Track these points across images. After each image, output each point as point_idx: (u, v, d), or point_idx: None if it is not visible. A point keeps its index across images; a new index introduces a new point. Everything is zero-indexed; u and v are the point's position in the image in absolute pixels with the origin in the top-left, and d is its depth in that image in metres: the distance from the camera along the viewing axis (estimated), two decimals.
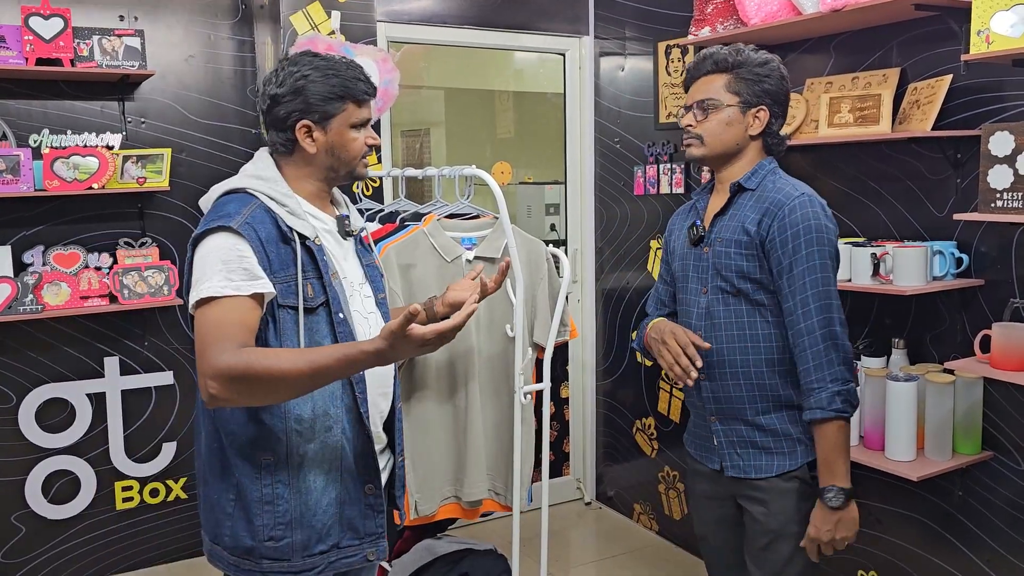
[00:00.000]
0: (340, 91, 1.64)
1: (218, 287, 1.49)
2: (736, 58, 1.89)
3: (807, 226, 1.81)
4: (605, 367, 4.00)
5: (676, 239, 2.07)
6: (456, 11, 3.61)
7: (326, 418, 1.64)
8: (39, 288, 2.93)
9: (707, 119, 1.90)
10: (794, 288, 1.81)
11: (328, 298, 1.63)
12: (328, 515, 1.65)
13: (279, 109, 1.65)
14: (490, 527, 3.71)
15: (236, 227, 1.54)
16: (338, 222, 1.75)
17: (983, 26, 2.13)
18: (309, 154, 1.67)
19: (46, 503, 3.17)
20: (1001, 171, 2.16)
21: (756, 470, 1.93)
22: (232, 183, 1.66)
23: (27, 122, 3.05)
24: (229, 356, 1.45)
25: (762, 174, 1.91)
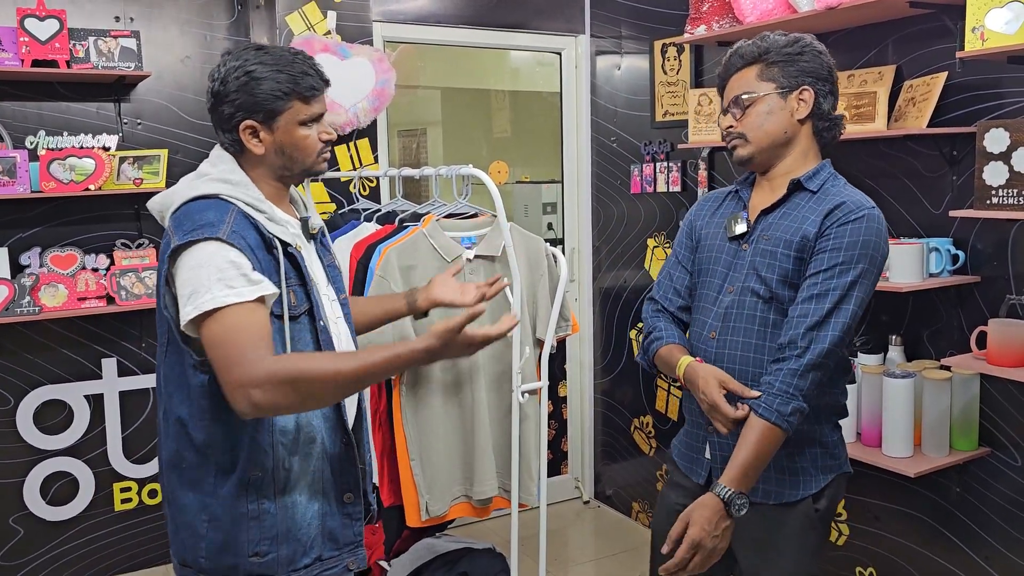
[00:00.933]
0: (286, 87, 1.55)
1: (221, 297, 1.42)
2: (761, 45, 1.76)
3: (873, 242, 1.67)
4: (603, 365, 4.01)
5: (706, 226, 1.91)
6: (452, 10, 3.61)
7: (310, 428, 1.59)
8: (36, 290, 2.93)
9: (746, 115, 1.76)
10: (826, 291, 1.65)
11: (311, 305, 1.58)
12: (313, 528, 1.61)
13: (223, 108, 1.56)
14: (489, 526, 3.72)
15: (225, 237, 1.46)
16: (302, 224, 1.68)
17: (978, 23, 2.13)
18: (257, 155, 1.58)
19: (45, 505, 3.16)
20: (996, 168, 2.16)
21: (751, 492, 1.72)
22: (199, 188, 1.55)
23: (23, 124, 3.04)
24: (272, 362, 1.40)
25: (824, 175, 1.77)
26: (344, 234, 2.69)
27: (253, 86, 1.54)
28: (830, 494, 1.79)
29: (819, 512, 1.77)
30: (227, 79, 1.55)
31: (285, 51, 1.59)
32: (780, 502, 1.76)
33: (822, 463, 1.78)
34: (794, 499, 1.76)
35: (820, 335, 1.64)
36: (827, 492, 1.78)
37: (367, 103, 3.18)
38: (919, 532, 2.63)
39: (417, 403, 2.39)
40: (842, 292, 1.65)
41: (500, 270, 2.46)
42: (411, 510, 2.41)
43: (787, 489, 1.76)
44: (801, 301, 1.68)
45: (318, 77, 1.60)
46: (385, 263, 2.33)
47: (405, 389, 2.38)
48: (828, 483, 1.78)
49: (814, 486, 1.76)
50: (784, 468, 1.76)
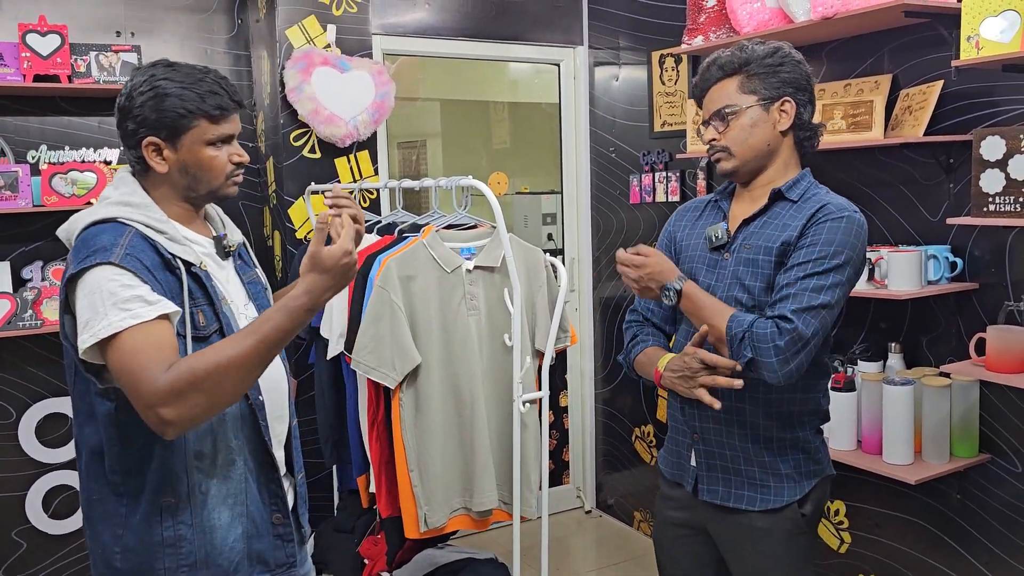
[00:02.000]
0: (191, 105, 1.50)
1: (117, 322, 1.37)
2: (741, 56, 1.76)
3: (852, 242, 1.67)
4: (603, 375, 4.01)
5: (686, 237, 1.92)
6: (451, 23, 3.64)
7: (228, 451, 1.55)
8: (38, 303, 2.94)
9: (729, 128, 1.76)
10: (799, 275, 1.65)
11: (221, 325, 1.54)
12: (235, 551, 1.57)
13: (127, 123, 1.53)
14: (491, 536, 3.71)
15: (118, 261, 1.41)
16: (215, 243, 1.64)
17: (972, 32, 2.15)
18: (160, 173, 1.54)
19: (47, 518, 3.16)
20: (993, 175, 2.18)
21: (736, 499, 1.79)
22: (97, 213, 1.50)
23: (25, 138, 3.06)
24: (167, 375, 1.35)
25: (804, 185, 1.78)
26: None
27: (157, 102, 1.50)
28: (815, 498, 1.81)
29: (806, 517, 1.79)
30: (132, 94, 1.52)
31: (196, 68, 1.56)
32: (765, 508, 1.78)
33: (805, 468, 1.80)
34: (779, 505, 1.77)
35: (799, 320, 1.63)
36: (812, 496, 1.80)
37: (367, 115, 3.20)
38: (920, 539, 2.63)
39: (416, 413, 2.39)
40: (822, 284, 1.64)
41: (500, 281, 2.47)
42: (409, 521, 2.41)
43: (772, 496, 1.78)
44: (779, 291, 1.68)
45: (228, 96, 1.56)
46: (385, 273, 2.34)
47: (404, 399, 2.38)
48: (812, 487, 1.80)
49: (798, 491, 1.78)
50: (768, 474, 1.78)
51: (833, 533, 2.88)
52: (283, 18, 3.14)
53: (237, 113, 1.59)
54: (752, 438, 1.78)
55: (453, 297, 2.42)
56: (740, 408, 1.78)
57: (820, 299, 1.64)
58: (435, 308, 2.40)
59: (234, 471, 1.56)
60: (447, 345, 2.41)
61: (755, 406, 1.77)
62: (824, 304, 1.65)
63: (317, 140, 3.21)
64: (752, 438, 1.78)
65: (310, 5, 3.19)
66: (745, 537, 1.79)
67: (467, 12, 3.67)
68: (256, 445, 1.59)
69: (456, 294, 2.42)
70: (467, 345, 2.42)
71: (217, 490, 1.55)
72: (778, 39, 2.68)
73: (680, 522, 1.91)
